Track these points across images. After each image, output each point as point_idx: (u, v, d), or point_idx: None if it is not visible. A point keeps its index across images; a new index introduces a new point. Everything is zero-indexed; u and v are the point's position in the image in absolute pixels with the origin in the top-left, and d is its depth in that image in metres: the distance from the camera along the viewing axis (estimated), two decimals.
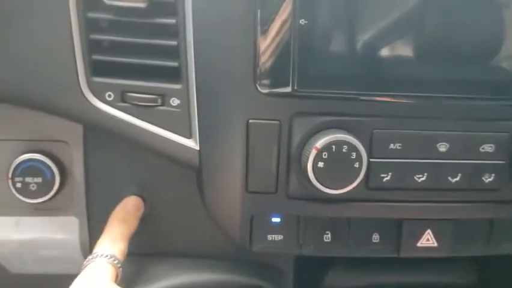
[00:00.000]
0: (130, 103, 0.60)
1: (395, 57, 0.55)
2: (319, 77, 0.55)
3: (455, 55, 0.55)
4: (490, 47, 0.56)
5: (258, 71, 0.55)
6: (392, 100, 0.56)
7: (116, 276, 0.59)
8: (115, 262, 0.59)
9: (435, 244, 0.63)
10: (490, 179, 0.58)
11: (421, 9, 0.54)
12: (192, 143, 0.60)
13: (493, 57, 0.56)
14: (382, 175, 0.57)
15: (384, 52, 0.55)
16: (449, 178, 0.58)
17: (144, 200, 0.71)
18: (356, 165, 0.54)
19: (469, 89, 0.56)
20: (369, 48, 0.54)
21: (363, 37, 0.54)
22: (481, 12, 0.55)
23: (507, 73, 0.57)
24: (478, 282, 0.87)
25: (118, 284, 0.58)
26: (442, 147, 0.58)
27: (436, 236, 0.63)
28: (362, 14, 0.54)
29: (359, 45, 0.54)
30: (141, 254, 0.73)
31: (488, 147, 0.58)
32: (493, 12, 0.55)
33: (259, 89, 0.55)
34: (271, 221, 0.61)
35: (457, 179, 0.58)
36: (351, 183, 0.55)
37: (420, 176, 0.58)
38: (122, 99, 0.60)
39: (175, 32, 0.58)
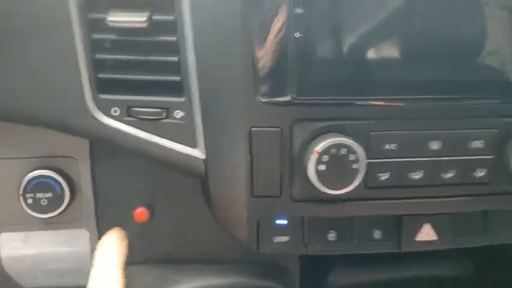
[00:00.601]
0: (135, 117, 0.61)
1: (387, 62, 0.57)
2: (316, 85, 0.57)
3: (444, 56, 0.57)
4: (477, 47, 0.58)
5: (258, 82, 0.57)
6: (386, 103, 0.58)
7: None
8: None
9: (436, 237, 0.65)
10: (481, 174, 0.60)
11: (411, 15, 0.56)
12: (198, 153, 0.61)
13: (480, 57, 0.58)
14: (380, 174, 0.59)
15: (377, 58, 0.57)
16: (443, 174, 0.60)
17: (152, 209, 0.73)
18: (355, 166, 0.56)
19: (458, 89, 0.58)
20: (362, 56, 0.57)
21: (357, 46, 0.56)
22: (467, 12, 0.56)
23: (494, 72, 0.59)
24: (475, 275, 0.89)
25: None
26: (435, 146, 0.59)
27: (435, 230, 0.65)
28: (353, 25, 0.56)
29: (352, 54, 0.56)
30: (150, 262, 0.75)
31: (478, 143, 0.60)
32: (477, 11, 0.57)
33: (259, 98, 0.57)
34: (277, 223, 0.63)
35: (450, 174, 0.60)
36: (351, 183, 0.57)
37: (416, 173, 0.60)
38: (128, 114, 0.61)
39: (176, 48, 0.59)
